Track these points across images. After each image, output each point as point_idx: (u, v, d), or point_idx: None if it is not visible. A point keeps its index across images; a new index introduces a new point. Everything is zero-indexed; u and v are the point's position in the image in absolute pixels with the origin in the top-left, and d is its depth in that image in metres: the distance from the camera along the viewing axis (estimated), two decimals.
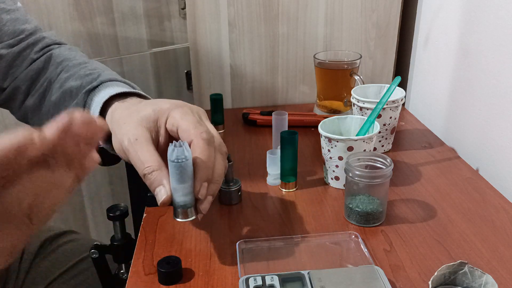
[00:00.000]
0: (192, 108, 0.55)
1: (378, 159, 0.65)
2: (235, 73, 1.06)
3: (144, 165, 0.50)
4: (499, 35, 0.75)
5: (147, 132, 0.52)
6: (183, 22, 1.44)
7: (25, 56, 0.69)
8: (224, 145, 0.55)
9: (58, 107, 0.66)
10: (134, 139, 0.51)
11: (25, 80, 0.69)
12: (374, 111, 0.73)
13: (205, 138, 0.51)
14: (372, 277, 0.52)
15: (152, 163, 0.50)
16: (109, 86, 0.61)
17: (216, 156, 0.52)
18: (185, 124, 0.52)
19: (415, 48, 1.06)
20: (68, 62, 0.69)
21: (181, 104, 0.55)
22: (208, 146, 0.50)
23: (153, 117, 0.53)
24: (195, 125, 0.51)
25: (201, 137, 0.50)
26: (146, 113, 0.54)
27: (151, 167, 0.49)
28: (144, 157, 0.50)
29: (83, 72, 0.66)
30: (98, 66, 0.69)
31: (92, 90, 0.62)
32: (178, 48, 1.47)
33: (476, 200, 0.70)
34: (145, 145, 0.51)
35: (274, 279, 0.52)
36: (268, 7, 1.01)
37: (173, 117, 0.53)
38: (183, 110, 0.53)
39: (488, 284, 0.49)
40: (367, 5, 1.02)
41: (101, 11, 1.29)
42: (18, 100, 0.70)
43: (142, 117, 0.53)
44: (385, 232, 0.63)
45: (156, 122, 0.53)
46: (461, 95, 0.87)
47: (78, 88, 0.64)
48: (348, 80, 0.96)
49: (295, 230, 0.64)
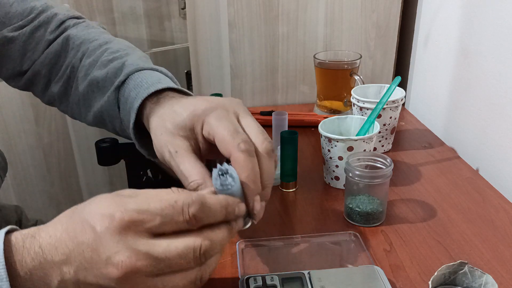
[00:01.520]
0: (228, 107, 0.51)
1: (378, 159, 0.65)
2: (235, 73, 1.06)
3: (188, 180, 0.47)
4: (499, 35, 0.75)
5: (186, 142, 0.49)
6: (183, 22, 1.44)
7: (40, 38, 0.66)
8: (270, 142, 0.49)
9: (88, 98, 0.63)
10: (174, 152, 0.49)
11: (44, 64, 0.66)
12: (374, 111, 0.73)
13: (244, 150, 0.46)
14: (372, 277, 0.52)
15: (196, 176, 0.47)
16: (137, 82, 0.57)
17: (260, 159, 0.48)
18: (220, 133, 0.48)
19: (415, 48, 1.06)
20: (88, 44, 0.65)
21: (214, 105, 0.50)
22: (249, 158, 0.46)
23: (189, 125, 0.50)
24: (232, 135, 0.47)
25: (239, 149, 0.46)
26: (181, 121, 0.50)
27: (195, 182, 0.47)
28: (187, 171, 0.47)
29: (105, 58, 0.62)
30: (121, 45, 0.65)
31: (121, 85, 0.58)
32: (178, 48, 1.47)
33: (476, 200, 0.70)
34: (186, 157, 0.48)
35: (274, 279, 0.52)
36: (268, 7, 1.01)
37: (209, 124, 0.49)
38: (217, 114, 0.49)
39: (488, 284, 0.49)
40: (367, 5, 1.03)
41: (101, 11, 1.29)
42: (41, 84, 0.68)
43: (177, 126, 0.50)
44: (385, 232, 0.63)
45: (193, 130, 0.50)
46: (461, 95, 0.87)
47: (104, 79, 0.61)
48: (348, 80, 0.96)
49: (295, 230, 0.64)
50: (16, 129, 1.23)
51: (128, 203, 0.39)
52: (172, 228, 0.39)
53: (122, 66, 0.60)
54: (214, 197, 0.42)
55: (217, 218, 0.41)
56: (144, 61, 0.62)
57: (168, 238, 0.39)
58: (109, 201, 0.40)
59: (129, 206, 0.39)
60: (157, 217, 0.38)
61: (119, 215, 0.38)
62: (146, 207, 0.38)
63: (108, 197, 0.40)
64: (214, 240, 0.40)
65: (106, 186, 1.39)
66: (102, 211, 0.39)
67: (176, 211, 0.39)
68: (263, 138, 0.49)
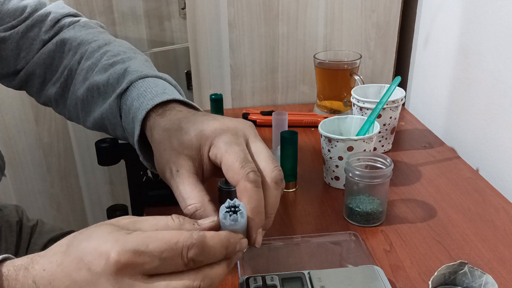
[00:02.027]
0: (238, 132, 0.48)
1: (378, 159, 0.65)
2: (235, 73, 1.06)
3: (186, 202, 0.45)
4: (499, 35, 0.75)
5: (189, 162, 0.47)
6: (183, 22, 1.44)
7: (34, 37, 0.65)
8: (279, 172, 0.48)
9: (87, 103, 0.61)
10: (176, 171, 0.47)
11: (39, 64, 0.65)
12: (374, 111, 0.73)
13: (252, 180, 0.44)
14: (372, 277, 0.52)
15: (194, 200, 0.45)
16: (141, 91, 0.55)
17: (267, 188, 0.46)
18: (229, 159, 0.45)
19: (415, 48, 1.06)
20: (87, 45, 0.63)
21: (224, 127, 0.48)
22: (256, 189, 0.44)
23: (196, 145, 0.48)
24: (241, 163, 0.45)
25: (247, 179, 0.44)
26: (188, 140, 0.48)
27: (194, 206, 0.45)
28: (185, 192, 0.46)
29: (106, 61, 0.60)
30: (121, 47, 0.63)
31: (123, 93, 0.56)
32: (178, 48, 1.47)
33: (476, 200, 0.70)
34: (187, 178, 0.46)
35: (274, 279, 0.51)
36: (268, 7, 1.01)
37: (217, 147, 0.47)
38: (227, 139, 0.47)
39: (488, 284, 0.49)
40: (367, 5, 1.02)
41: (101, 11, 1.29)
42: (35, 84, 0.66)
43: (183, 144, 0.48)
44: (385, 232, 0.63)
45: (198, 150, 0.48)
46: (461, 95, 0.87)
47: (105, 85, 0.58)
48: (348, 80, 0.96)
49: (295, 230, 0.64)
50: (16, 129, 1.23)
51: (126, 241, 0.37)
52: (171, 269, 0.37)
53: (124, 72, 0.58)
54: (217, 237, 0.39)
55: (217, 257, 0.40)
56: (148, 67, 0.60)
57: (165, 279, 0.37)
58: (106, 235, 0.37)
59: (127, 245, 0.36)
60: (156, 259, 0.37)
61: (115, 257, 0.36)
62: (144, 248, 0.36)
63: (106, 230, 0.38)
64: (212, 278, 0.39)
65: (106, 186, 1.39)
66: (98, 248, 0.37)
67: (175, 253, 0.37)
68: (273, 167, 0.47)
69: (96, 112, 0.60)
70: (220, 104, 0.92)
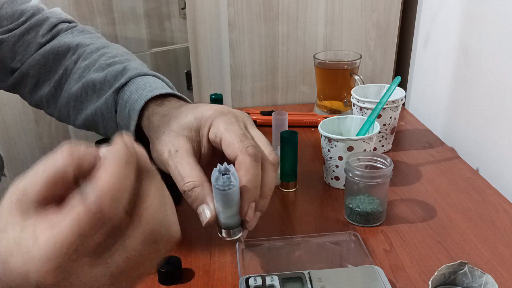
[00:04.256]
0: (237, 116, 0.50)
1: (378, 159, 0.65)
2: (235, 73, 1.06)
3: (184, 180, 0.45)
4: (499, 35, 0.75)
5: (188, 143, 0.48)
6: (183, 22, 1.45)
7: (30, 40, 0.65)
8: (275, 155, 0.49)
9: (80, 100, 0.61)
10: (175, 151, 0.47)
11: (32, 65, 0.65)
12: (374, 111, 0.73)
13: (251, 154, 0.45)
14: (372, 277, 0.52)
15: (193, 178, 0.45)
16: (140, 84, 0.56)
17: (265, 168, 0.47)
18: (229, 136, 0.47)
19: (415, 48, 1.06)
20: (85, 47, 0.64)
21: (225, 110, 0.50)
22: (254, 163, 0.45)
23: (195, 126, 0.49)
24: (240, 138, 0.46)
25: (247, 152, 0.45)
26: (187, 121, 0.49)
27: (192, 182, 0.45)
28: (184, 171, 0.46)
29: (104, 61, 0.61)
30: (119, 51, 0.64)
31: (121, 88, 0.57)
32: (178, 48, 1.47)
33: (476, 200, 0.70)
34: (186, 158, 0.47)
35: (274, 279, 0.51)
36: (268, 7, 1.01)
37: (217, 127, 0.48)
38: (227, 119, 0.48)
39: (488, 284, 0.49)
40: (367, 5, 1.02)
41: (101, 11, 1.29)
42: (28, 86, 0.67)
43: (182, 126, 0.49)
44: (385, 232, 0.63)
45: (198, 132, 0.49)
46: (461, 95, 0.87)
47: (102, 82, 0.59)
48: (348, 80, 0.96)
49: (295, 230, 0.64)
50: (16, 129, 1.23)
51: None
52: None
53: (123, 70, 0.59)
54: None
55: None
56: (145, 68, 0.61)
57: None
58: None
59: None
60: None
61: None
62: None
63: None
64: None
65: None
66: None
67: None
68: (271, 150, 0.49)
69: (88, 109, 0.61)
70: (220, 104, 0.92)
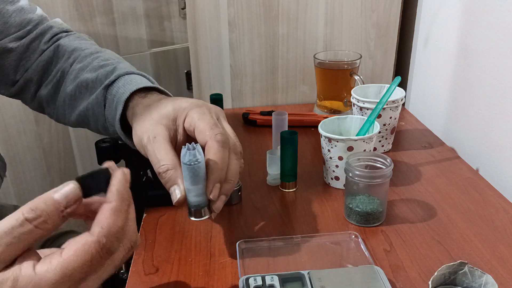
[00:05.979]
0: (211, 108, 0.56)
1: (378, 159, 0.65)
2: (235, 73, 1.06)
3: (160, 163, 0.50)
4: (499, 35, 0.75)
5: (166, 130, 0.53)
6: (183, 22, 1.45)
7: (35, 48, 0.70)
8: (240, 145, 0.55)
9: (74, 99, 0.67)
10: (153, 137, 0.52)
11: (36, 71, 0.70)
12: (374, 111, 0.73)
13: (220, 140, 0.51)
14: (372, 277, 0.52)
15: (168, 162, 0.50)
16: (127, 80, 0.62)
17: (231, 156, 0.53)
18: (201, 125, 0.52)
19: (415, 48, 1.06)
20: (80, 52, 0.69)
21: (200, 103, 0.56)
22: (222, 148, 0.51)
23: (172, 116, 0.54)
24: (211, 127, 0.52)
25: (215, 139, 0.51)
26: (166, 111, 0.54)
27: (166, 165, 0.50)
28: (160, 155, 0.51)
29: (97, 63, 0.66)
30: (111, 55, 0.70)
31: (110, 85, 0.62)
32: (178, 48, 1.47)
33: (476, 200, 0.70)
34: (163, 144, 0.52)
35: (274, 279, 0.52)
36: (268, 7, 1.01)
37: (191, 117, 0.54)
38: (201, 110, 0.54)
39: (488, 284, 0.49)
40: (367, 5, 1.02)
41: (101, 11, 1.29)
42: (31, 91, 0.71)
43: (162, 115, 0.54)
44: (385, 232, 0.63)
45: (175, 121, 0.54)
46: (461, 95, 0.87)
47: (94, 81, 0.64)
48: (348, 80, 0.96)
49: (295, 230, 0.64)
50: (16, 129, 1.23)
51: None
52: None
53: (113, 70, 0.64)
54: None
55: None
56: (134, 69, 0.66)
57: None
58: None
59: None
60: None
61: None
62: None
63: None
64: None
65: None
66: None
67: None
68: (237, 141, 0.55)
69: (81, 106, 0.66)
70: (220, 104, 0.92)
